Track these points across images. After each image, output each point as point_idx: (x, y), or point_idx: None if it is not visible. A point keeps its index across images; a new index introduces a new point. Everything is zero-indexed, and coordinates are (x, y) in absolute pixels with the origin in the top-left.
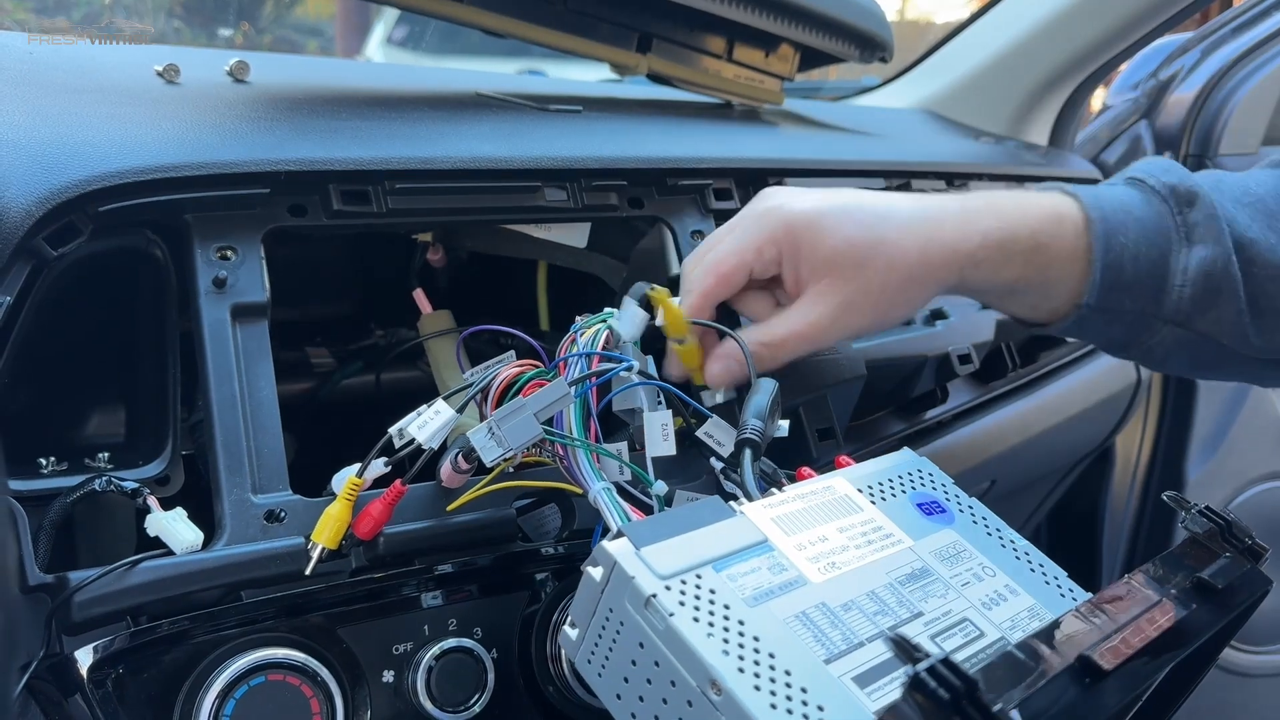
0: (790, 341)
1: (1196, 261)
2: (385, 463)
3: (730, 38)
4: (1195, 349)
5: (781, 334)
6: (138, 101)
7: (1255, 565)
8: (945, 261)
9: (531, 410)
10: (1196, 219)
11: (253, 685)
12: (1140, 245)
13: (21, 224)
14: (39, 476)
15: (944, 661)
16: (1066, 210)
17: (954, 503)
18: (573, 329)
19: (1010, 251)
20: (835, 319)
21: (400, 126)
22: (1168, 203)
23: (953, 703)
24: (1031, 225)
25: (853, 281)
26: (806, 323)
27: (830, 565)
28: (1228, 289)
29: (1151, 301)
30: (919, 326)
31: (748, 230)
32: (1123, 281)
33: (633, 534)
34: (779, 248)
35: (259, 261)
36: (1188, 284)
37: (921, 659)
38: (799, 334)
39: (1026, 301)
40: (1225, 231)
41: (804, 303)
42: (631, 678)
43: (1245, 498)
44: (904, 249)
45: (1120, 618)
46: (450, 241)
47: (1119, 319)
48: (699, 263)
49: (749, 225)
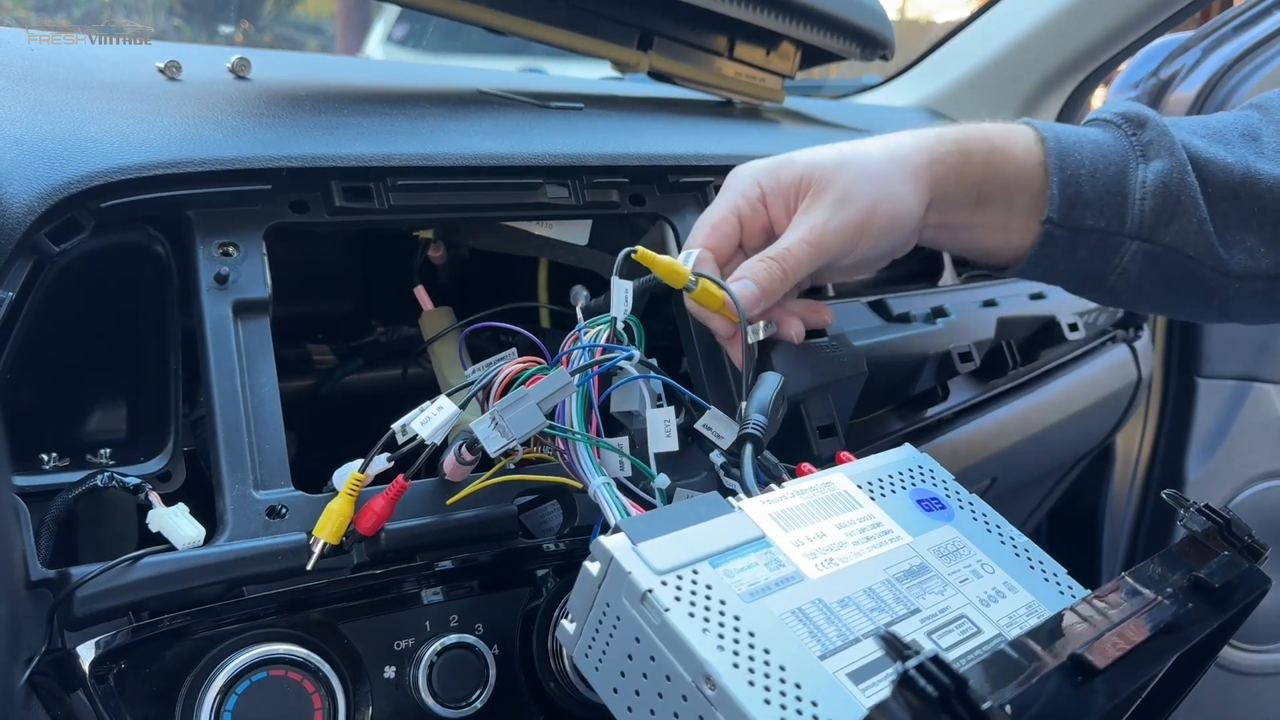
0: (795, 249)
1: (1154, 174)
2: (388, 458)
3: (731, 35)
4: (1165, 267)
5: (785, 245)
6: (139, 98)
7: (1254, 564)
8: (912, 157)
9: (534, 400)
10: (1150, 137)
11: (255, 681)
12: (1097, 163)
13: (23, 220)
14: (41, 472)
15: (934, 659)
16: (1016, 128)
17: (954, 499)
18: (577, 328)
19: (968, 150)
20: (830, 217)
21: (402, 123)
22: (1120, 127)
23: (941, 700)
24: (983, 132)
25: (835, 182)
26: (806, 228)
27: (828, 561)
28: (1187, 199)
29: (1115, 218)
30: (920, 323)
31: (726, 188)
32: (1082, 197)
33: (630, 529)
34: (760, 186)
35: (261, 258)
36: (1148, 196)
37: (911, 656)
38: (801, 239)
39: (995, 221)
40: (1179, 147)
41: (797, 217)
42: (628, 672)
43: (1245, 496)
44: (870, 153)
45: (1115, 616)
46: (451, 238)
47: (1084, 240)
48: (693, 230)
49: (726, 185)
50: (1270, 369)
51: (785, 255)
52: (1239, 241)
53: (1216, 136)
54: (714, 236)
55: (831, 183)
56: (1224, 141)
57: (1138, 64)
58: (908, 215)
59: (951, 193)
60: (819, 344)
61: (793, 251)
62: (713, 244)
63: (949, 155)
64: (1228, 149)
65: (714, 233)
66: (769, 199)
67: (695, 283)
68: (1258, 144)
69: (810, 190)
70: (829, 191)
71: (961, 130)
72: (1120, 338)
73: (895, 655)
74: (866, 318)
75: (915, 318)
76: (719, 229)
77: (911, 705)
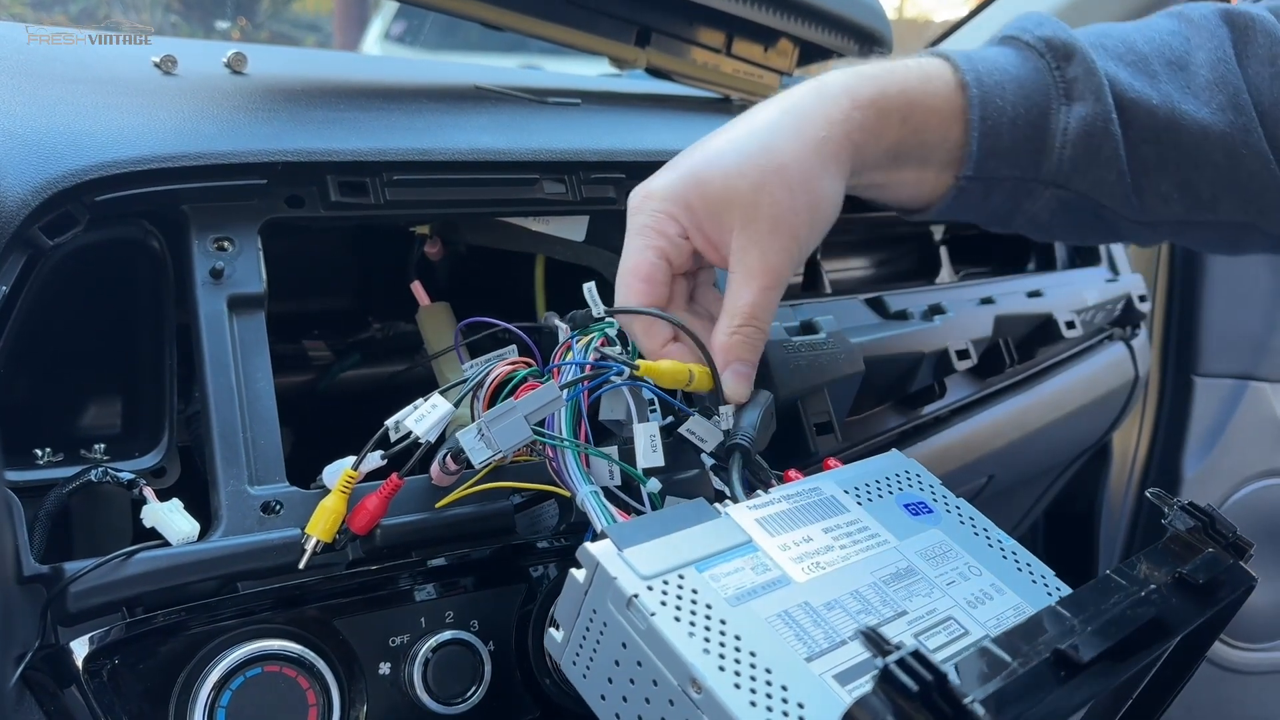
0: (756, 300)
1: (1077, 120)
2: (382, 455)
3: (729, 32)
4: (1075, 210)
5: (743, 302)
6: (135, 92)
7: (1238, 561)
8: (831, 136)
9: (522, 413)
10: (1075, 74)
11: (249, 677)
12: (1019, 107)
13: (17, 213)
14: (35, 467)
15: (914, 654)
16: (936, 70)
17: (941, 503)
18: (569, 337)
19: (885, 110)
20: (769, 250)
21: (398, 118)
22: (1044, 58)
23: (922, 695)
24: (900, 83)
25: (761, 209)
26: (759, 271)
27: (814, 565)
28: (1108, 149)
29: (1031, 166)
30: (917, 321)
31: (640, 227)
32: (1001, 147)
33: (616, 535)
34: (677, 221)
35: (256, 253)
36: (1068, 144)
37: (892, 652)
38: (761, 286)
39: (910, 176)
40: (1106, 88)
41: (735, 259)
42: (615, 678)
43: (1242, 495)
44: (784, 151)
45: (1099, 612)
46: (448, 234)
47: (997, 187)
48: (618, 285)
49: (636, 222)
50: (1267, 368)
51: (754, 312)
52: (1153, 187)
53: (1142, 66)
54: (650, 293)
55: (756, 209)
56: (1150, 74)
57: None
58: (836, 202)
59: (869, 158)
60: (815, 341)
61: (756, 304)
62: (651, 300)
63: (865, 120)
64: (1154, 84)
65: (649, 289)
66: (691, 234)
67: (692, 378)
68: (1185, 74)
69: (737, 221)
70: (758, 221)
71: (876, 84)
72: (1117, 336)
73: (876, 651)
74: (863, 315)
75: (912, 315)
76: (651, 281)
77: (893, 700)
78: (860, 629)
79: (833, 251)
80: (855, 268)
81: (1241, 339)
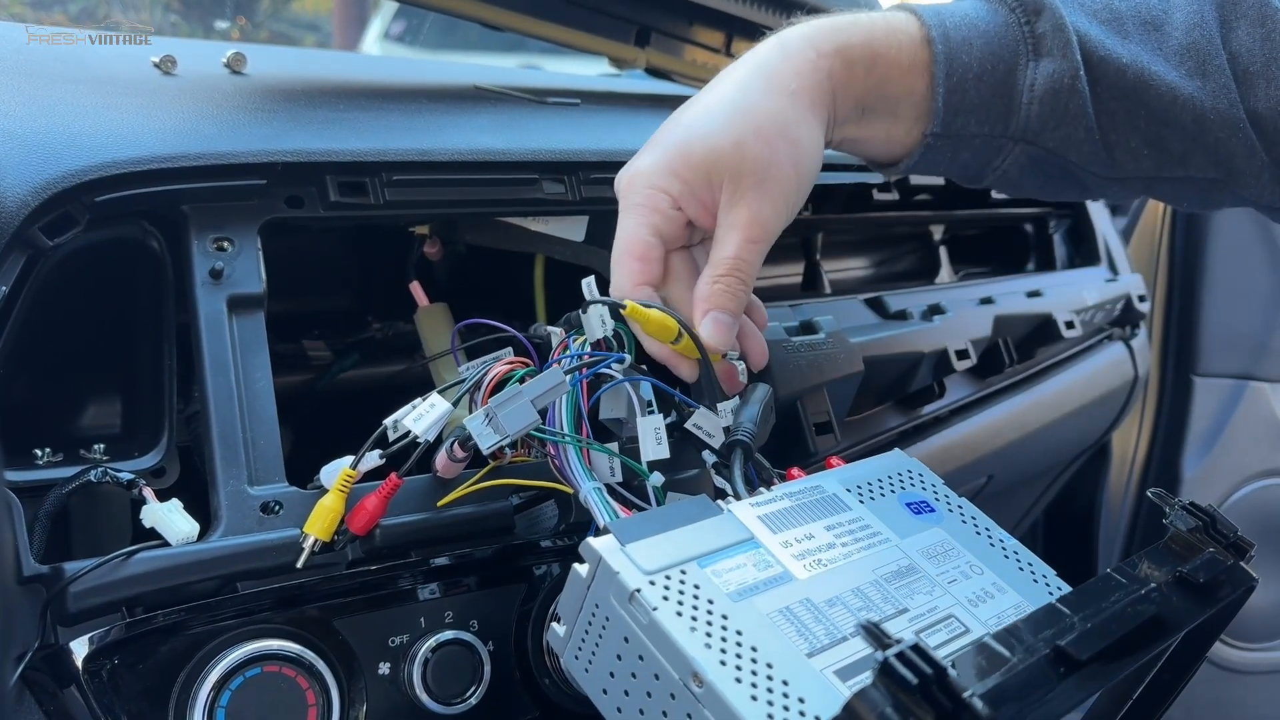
0: (744, 252)
1: (1044, 76)
2: (380, 455)
3: (729, 32)
4: (1045, 166)
5: (728, 253)
6: (134, 92)
7: (1239, 561)
8: (802, 84)
9: (529, 397)
10: (1044, 29)
11: (248, 677)
12: (986, 63)
13: (17, 214)
14: (34, 467)
15: (914, 648)
16: (902, 24)
17: (943, 502)
18: (565, 337)
19: (850, 60)
20: (760, 206)
21: (398, 118)
22: (1014, 12)
23: (921, 688)
24: (864, 34)
25: (745, 165)
26: (744, 224)
27: (816, 562)
28: (1075, 106)
29: (999, 122)
30: (917, 321)
31: (631, 205)
32: (968, 104)
33: (619, 531)
34: (667, 193)
35: (256, 253)
36: (1035, 100)
37: (891, 645)
38: (746, 239)
39: (879, 131)
40: (1074, 44)
41: (722, 215)
42: (617, 672)
43: (1241, 495)
44: (760, 107)
45: (1099, 610)
46: (447, 234)
47: (966, 144)
48: (613, 266)
49: (627, 202)
50: (1267, 368)
51: (737, 264)
52: (1123, 143)
53: (1116, 24)
54: (645, 271)
55: (741, 165)
56: (1123, 32)
57: None
58: (816, 152)
59: (841, 109)
60: (815, 341)
61: (742, 256)
62: (646, 279)
63: (833, 69)
64: (1124, 43)
65: (643, 266)
66: (683, 202)
67: (680, 337)
68: (1159, 34)
69: (724, 180)
70: (745, 176)
71: (839, 35)
72: (1117, 336)
73: (876, 644)
74: (863, 315)
75: (912, 315)
76: (646, 259)
77: (892, 693)
78: (860, 622)
79: (833, 251)
80: (855, 268)
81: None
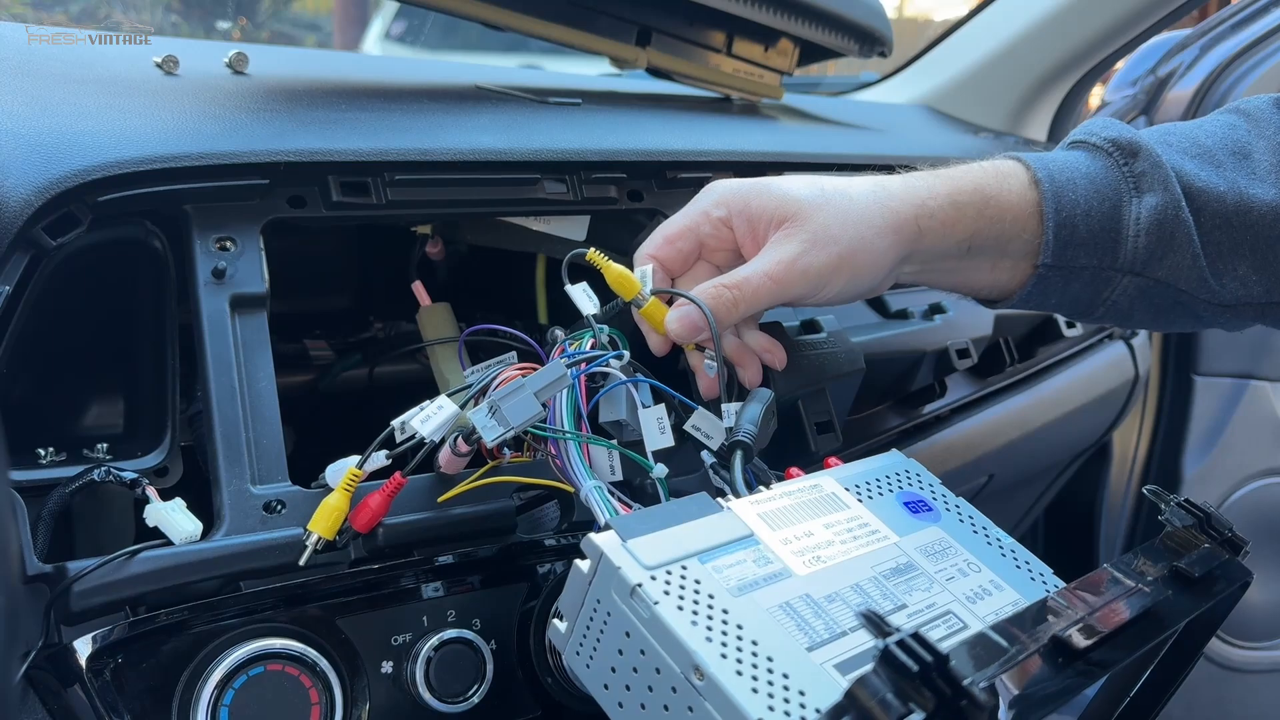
0: (754, 279)
1: (1148, 210)
2: (386, 455)
3: (730, 32)
4: (1156, 297)
5: (745, 274)
6: (137, 92)
7: (1234, 556)
8: (899, 208)
9: (531, 389)
10: (1143, 168)
11: (252, 675)
12: (1091, 200)
13: (20, 214)
14: (38, 467)
15: (914, 636)
16: (1010, 169)
17: (940, 501)
18: (561, 342)
19: (959, 204)
20: (799, 255)
21: (399, 118)
22: (1112, 156)
23: (921, 674)
24: (975, 181)
25: (812, 220)
26: (772, 260)
27: (815, 559)
28: (1181, 234)
29: (1108, 254)
30: (918, 320)
31: (694, 201)
32: (1077, 238)
33: (620, 527)
34: (727, 208)
35: (258, 253)
36: (1141, 233)
37: (891, 633)
38: (764, 272)
39: (984, 266)
40: (1172, 178)
41: (767, 247)
42: (618, 667)
43: (1242, 494)
44: (855, 196)
45: (1096, 603)
46: (449, 234)
47: (1078, 277)
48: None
49: (696, 198)
50: (1267, 367)
51: (743, 284)
52: (1230, 270)
53: (1208, 157)
54: (666, 249)
55: (808, 220)
56: (1215, 163)
57: (1135, 61)
58: (882, 267)
59: (938, 245)
60: (816, 340)
61: (750, 282)
62: (663, 256)
63: (940, 210)
64: (1219, 172)
65: (667, 245)
66: (734, 222)
67: (645, 298)
68: (1249, 162)
69: (785, 223)
70: (803, 229)
71: (953, 181)
72: (1117, 335)
73: (877, 632)
74: (864, 314)
75: (913, 314)
76: (673, 243)
77: (893, 680)
78: (861, 611)
79: None
80: None
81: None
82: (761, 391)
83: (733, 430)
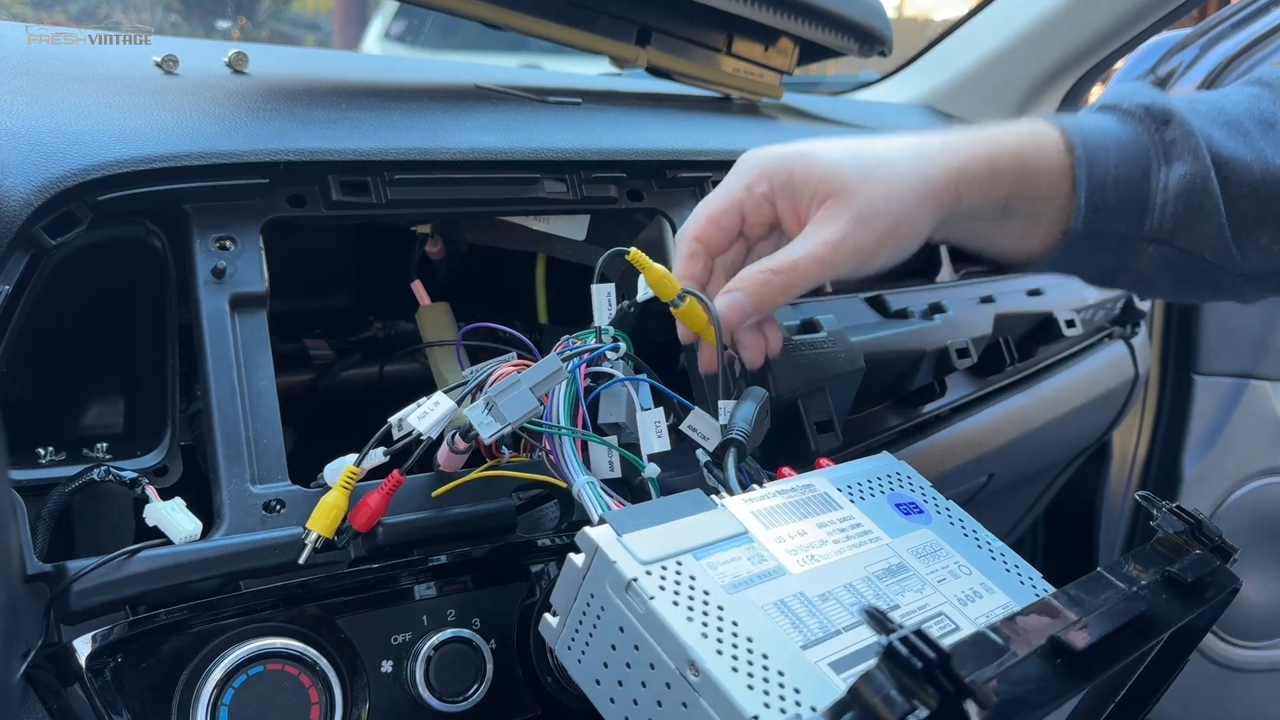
0: (803, 263)
1: (1176, 178)
2: (384, 453)
3: (729, 31)
4: (1180, 267)
5: (792, 257)
6: (136, 92)
7: (1224, 563)
8: (940, 174)
9: (527, 384)
10: (1173, 136)
11: (251, 675)
12: (1121, 167)
13: (20, 213)
14: (37, 466)
15: (917, 632)
16: (1046, 132)
17: (931, 504)
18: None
19: (997, 167)
20: (847, 235)
21: (399, 117)
22: (1143, 122)
23: (925, 672)
24: (1013, 144)
25: (858, 197)
26: (819, 241)
27: (809, 558)
28: (1208, 205)
29: (1135, 221)
30: (917, 320)
31: (734, 174)
32: (1106, 205)
33: (615, 521)
34: (770, 182)
35: (258, 252)
36: (1169, 202)
37: (895, 630)
38: (811, 254)
39: (1017, 228)
40: (1203, 147)
41: (811, 226)
42: (611, 662)
43: (1242, 493)
44: (898, 168)
45: (1092, 605)
46: (449, 234)
47: (1105, 244)
48: (691, 216)
49: (735, 170)
50: (1267, 366)
51: (792, 269)
52: (1253, 241)
53: (1236, 126)
54: (710, 228)
55: (854, 197)
56: (1243, 132)
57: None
58: (921, 235)
59: (975, 207)
60: (816, 340)
61: (800, 265)
62: (707, 236)
63: (980, 173)
64: (1246, 141)
65: (710, 224)
66: (777, 197)
67: (683, 299)
68: (1275, 132)
69: (829, 200)
70: (850, 207)
71: (993, 143)
72: (1117, 334)
73: (880, 628)
74: (864, 314)
75: (913, 314)
76: (717, 221)
77: (896, 676)
78: (864, 608)
79: None
80: None
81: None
82: (756, 390)
83: (727, 428)
